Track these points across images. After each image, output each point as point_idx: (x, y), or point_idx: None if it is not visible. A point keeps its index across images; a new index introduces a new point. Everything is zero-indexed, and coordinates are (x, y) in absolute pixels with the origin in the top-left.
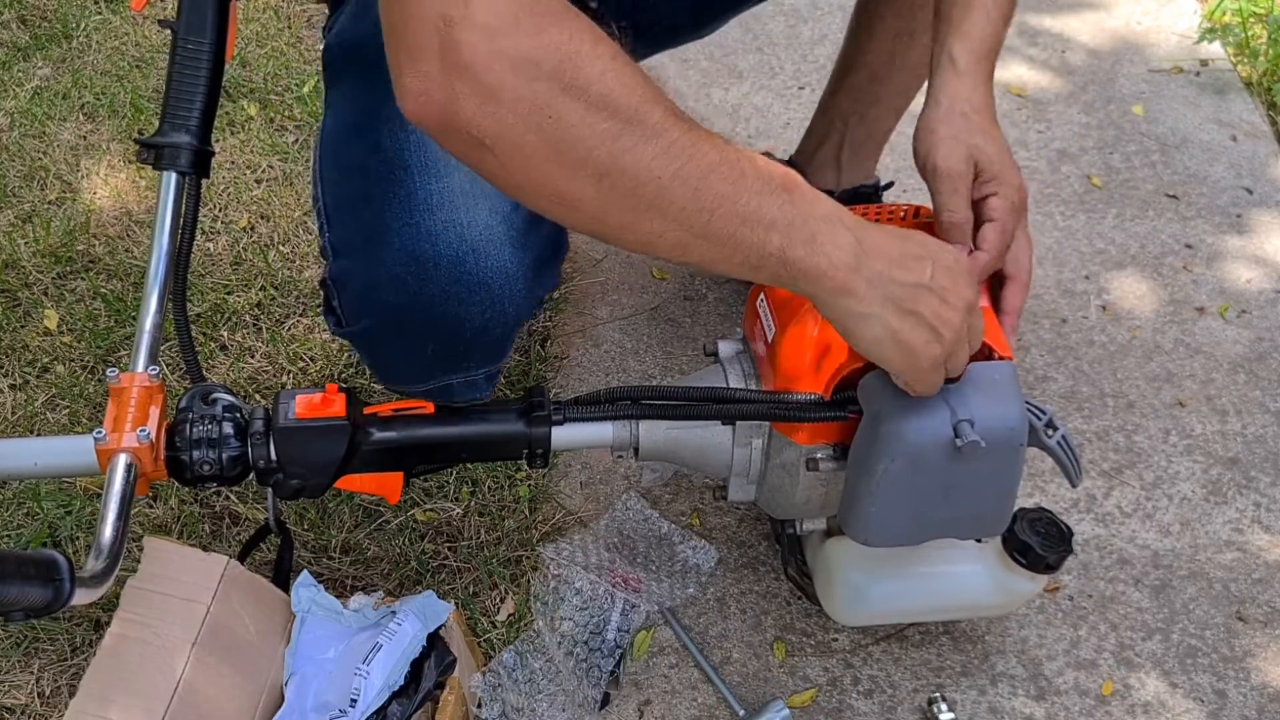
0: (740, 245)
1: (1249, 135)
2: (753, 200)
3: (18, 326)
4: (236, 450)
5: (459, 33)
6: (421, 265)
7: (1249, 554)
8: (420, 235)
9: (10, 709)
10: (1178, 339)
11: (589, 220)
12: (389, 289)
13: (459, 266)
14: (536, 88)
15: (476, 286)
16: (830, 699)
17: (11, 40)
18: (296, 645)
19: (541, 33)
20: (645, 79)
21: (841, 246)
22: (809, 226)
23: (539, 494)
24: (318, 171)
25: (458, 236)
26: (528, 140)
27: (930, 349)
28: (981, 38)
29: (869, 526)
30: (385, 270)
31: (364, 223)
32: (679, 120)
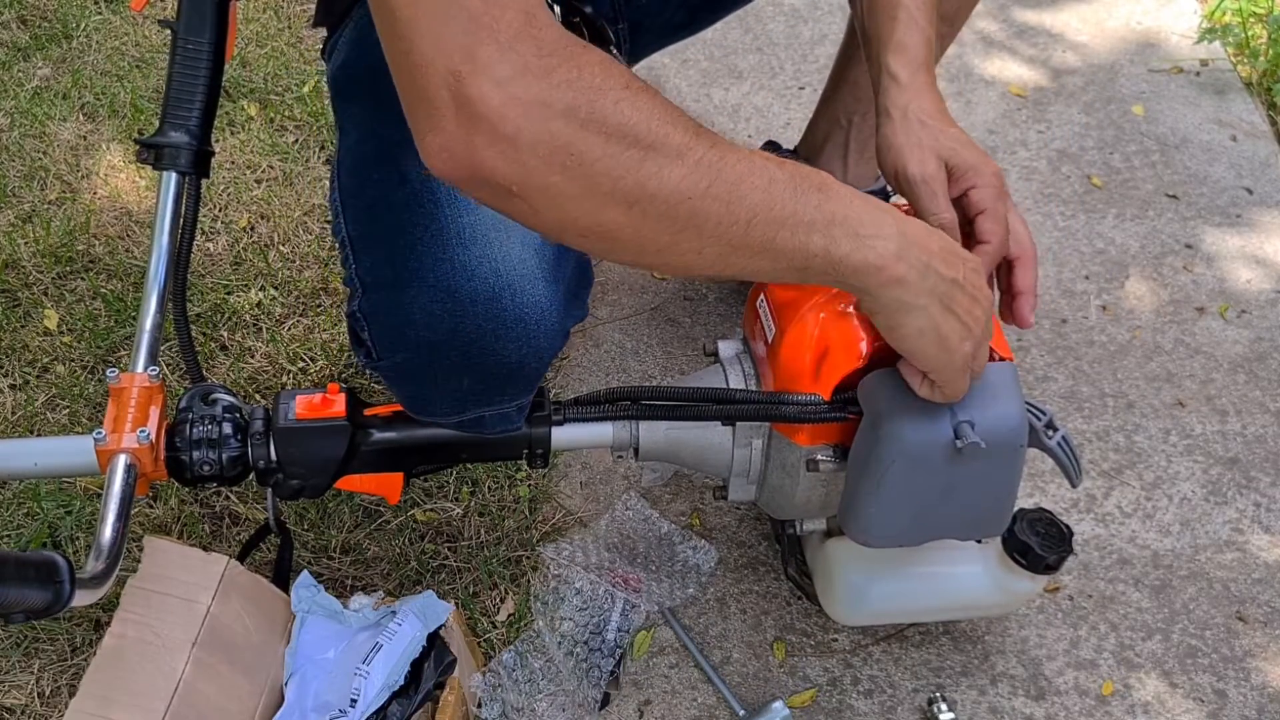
0: (783, 251)
1: (1249, 135)
2: (788, 204)
3: (18, 326)
4: (236, 450)
5: (469, 87)
6: (457, 301)
7: (1249, 554)
8: (455, 271)
9: (10, 709)
10: (1178, 339)
11: (628, 250)
12: (424, 325)
13: (495, 303)
14: (554, 128)
15: (513, 323)
16: (830, 699)
17: (11, 40)
18: (296, 645)
19: (551, 73)
20: (661, 101)
21: (886, 237)
22: (850, 223)
23: (539, 494)
24: (338, 201)
25: (492, 272)
26: (553, 182)
27: (964, 346)
28: (914, 46)
29: (869, 527)
30: (419, 306)
31: (395, 257)
32: (701, 136)
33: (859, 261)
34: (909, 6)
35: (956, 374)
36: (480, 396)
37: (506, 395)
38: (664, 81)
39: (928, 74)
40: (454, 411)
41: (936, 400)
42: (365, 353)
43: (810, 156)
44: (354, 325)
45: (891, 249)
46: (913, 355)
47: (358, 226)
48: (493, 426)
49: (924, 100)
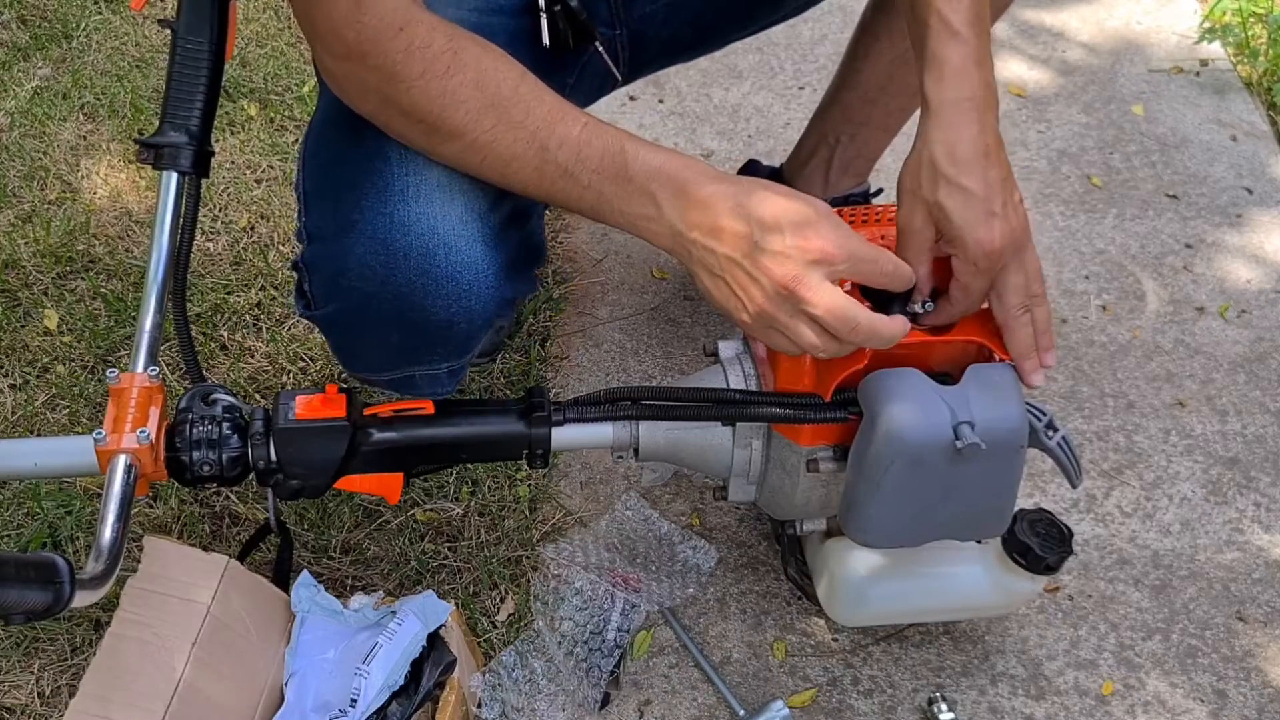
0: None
1: (1249, 135)
2: (558, 185)
3: (18, 326)
4: (236, 451)
5: (320, 55)
6: (391, 254)
7: (1249, 554)
8: (393, 225)
9: (10, 709)
10: (1178, 339)
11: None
12: (357, 275)
13: (428, 259)
14: (369, 101)
15: (444, 280)
16: (830, 699)
17: (11, 40)
18: (296, 645)
19: (364, 57)
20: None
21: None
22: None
23: (539, 494)
24: (301, 158)
25: (430, 229)
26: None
27: (740, 315)
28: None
29: (869, 527)
30: (355, 257)
31: (340, 209)
32: (484, 117)
33: (631, 230)
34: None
35: (756, 333)
36: (410, 354)
37: (437, 355)
38: (664, 81)
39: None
40: (385, 367)
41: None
42: (305, 303)
43: (796, 169)
44: (299, 276)
45: (660, 232)
46: (726, 316)
47: (313, 182)
48: (423, 388)
49: (951, 134)
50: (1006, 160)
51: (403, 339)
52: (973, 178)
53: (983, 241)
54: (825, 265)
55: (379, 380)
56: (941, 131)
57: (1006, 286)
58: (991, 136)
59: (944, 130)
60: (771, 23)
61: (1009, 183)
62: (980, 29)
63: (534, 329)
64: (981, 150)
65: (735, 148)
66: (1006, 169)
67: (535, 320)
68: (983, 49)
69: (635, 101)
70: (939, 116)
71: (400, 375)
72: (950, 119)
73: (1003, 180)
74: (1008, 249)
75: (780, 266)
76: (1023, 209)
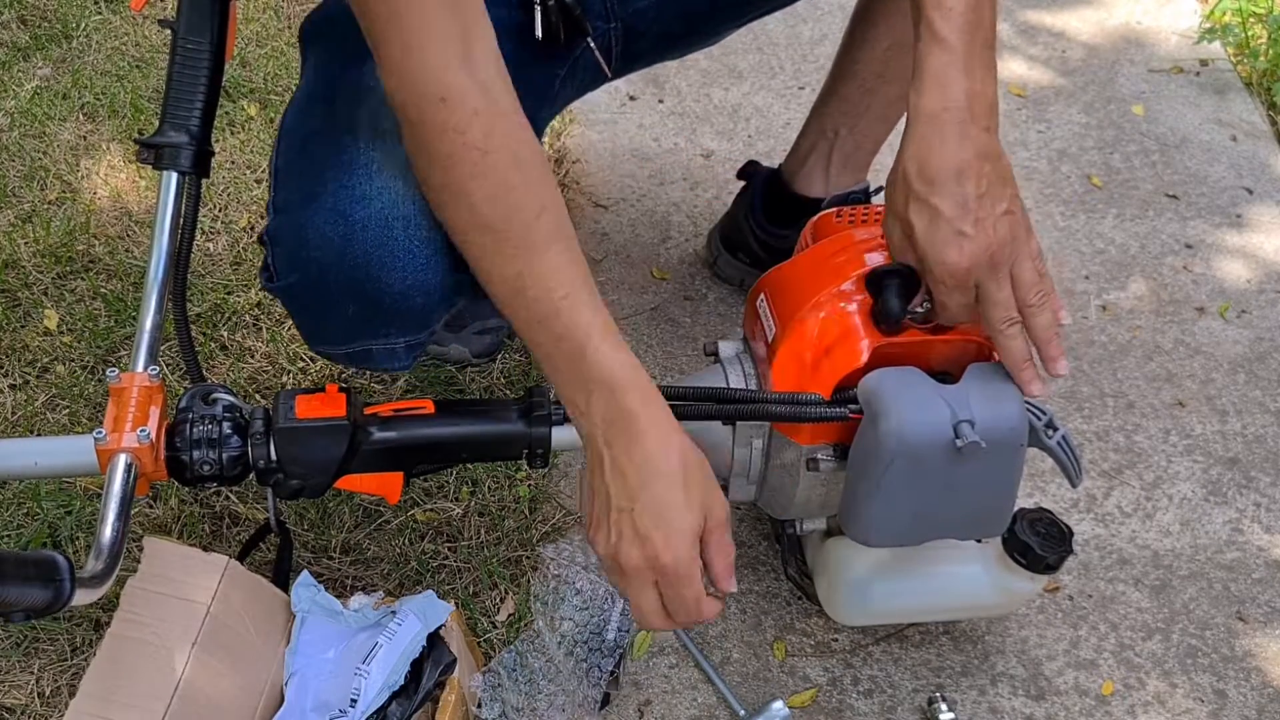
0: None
1: (1249, 135)
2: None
3: (18, 326)
4: (237, 450)
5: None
6: (350, 226)
7: (1249, 554)
8: (354, 198)
9: (10, 709)
10: (1178, 339)
11: None
12: (316, 246)
13: (386, 230)
14: (433, 184)
15: (401, 253)
16: (830, 699)
17: (11, 40)
18: (296, 645)
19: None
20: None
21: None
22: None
23: (539, 494)
24: (278, 135)
25: (390, 202)
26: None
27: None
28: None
29: (869, 527)
30: (314, 228)
31: (304, 183)
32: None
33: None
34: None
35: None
36: (367, 327)
37: (393, 329)
38: (664, 81)
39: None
40: (343, 340)
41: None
42: (267, 275)
43: (795, 167)
44: (264, 250)
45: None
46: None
47: (286, 158)
48: (381, 361)
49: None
50: (995, 172)
51: (359, 311)
52: (942, 196)
53: (947, 263)
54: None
55: (338, 354)
56: (915, 145)
57: (988, 302)
58: (971, 150)
59: (917, 144)
60: (762, 13)
61: (989, 198)
62: (971, 36)
63: None
64: (954, 166)
65: (735, 148)
66: (989, 184)
67: None
68: (972, 58)
69: (635, 101)
70: (914, 129)
71: (358, 349)
72: (924, 132)
73: (979, 197)
74: (978, 268)
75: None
76: (1010, 223)
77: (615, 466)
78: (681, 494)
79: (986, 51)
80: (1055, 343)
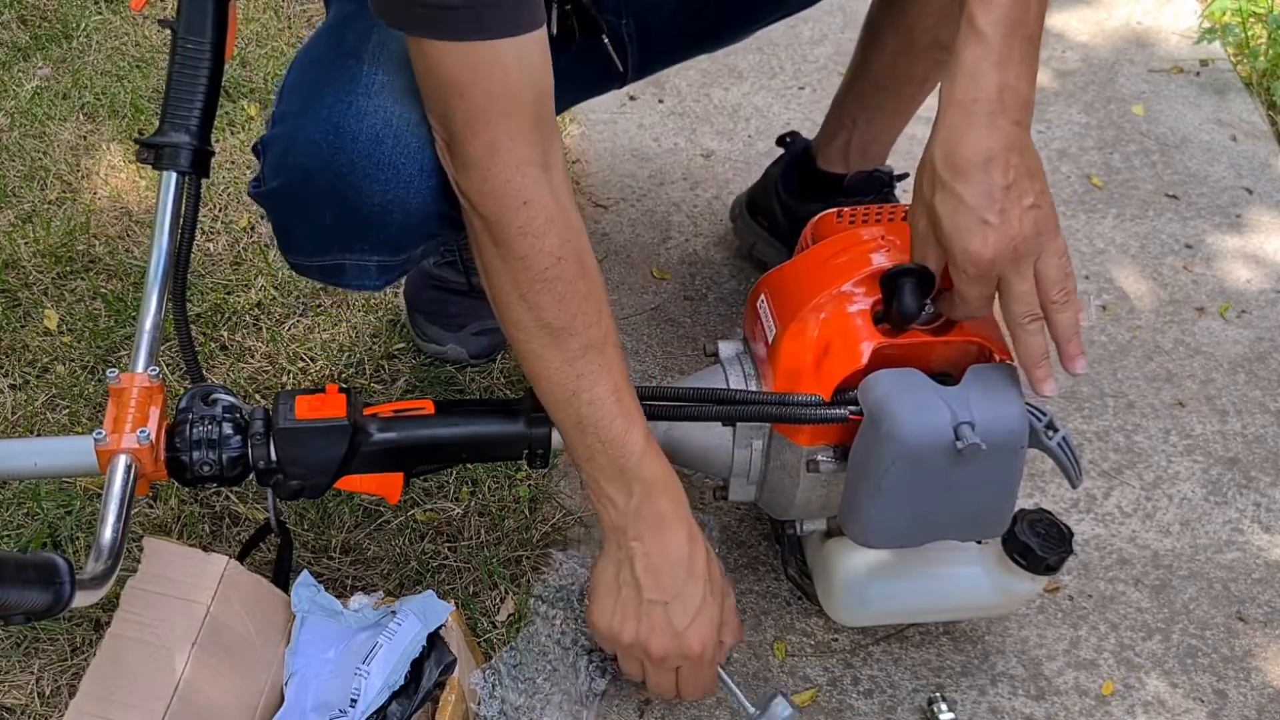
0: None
1: (1249, 135)
2: (565, 424)
3: (18, 326)
4: (236, 451)
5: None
6: (340, 135)
7: (1249, 554)
8: (349, 111)
9: (10, 709)
10: (1178, 339)
11: None
12: (304, 152)
13: (375, 144)
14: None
15: (385, 166)
16: (830, 699)
17: (11, 40)
18: (296, 645)
19: (480, 209)
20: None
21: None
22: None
23: (539, 494)
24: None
25: (383, 120)
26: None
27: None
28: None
29: (869, 528)
30: (306, 135)
31: (304, 97)
32: (539, 333)
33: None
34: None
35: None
36: (342, 238)
37: (367, 243)
38: (664, 81)
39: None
40: (317, 251)
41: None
42: (257, 183)
43: (822, 144)
44: (258, 160)
45: (613, 520)
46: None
47: (293, 76)
48: (352, 278)
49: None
50: (1023, 165)
51: (336, 220)
52: (968, 184)
53: (971, 251)
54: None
55: (311, 265)
56: (945, 133)
57: (1010, 295)
58: (1000, 141)
59: (947, 132)
60: (777, 16)
61: (1016, 190)
62: (1010, 30)
63: None
64: (983, 156)
65: (735, 148)
66: (1017, 175)
67: None
68: (1009, 51)
69: (635, 101)
70: (944, 118)
71: (330, 261)
72: (954, 121)
73: (1005, 188)
74: (1002, 259)
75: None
76: (1037, 216)
77: (648, 562)
78: (707, 589)
79: (1027, 46)
80: (1076, 341)
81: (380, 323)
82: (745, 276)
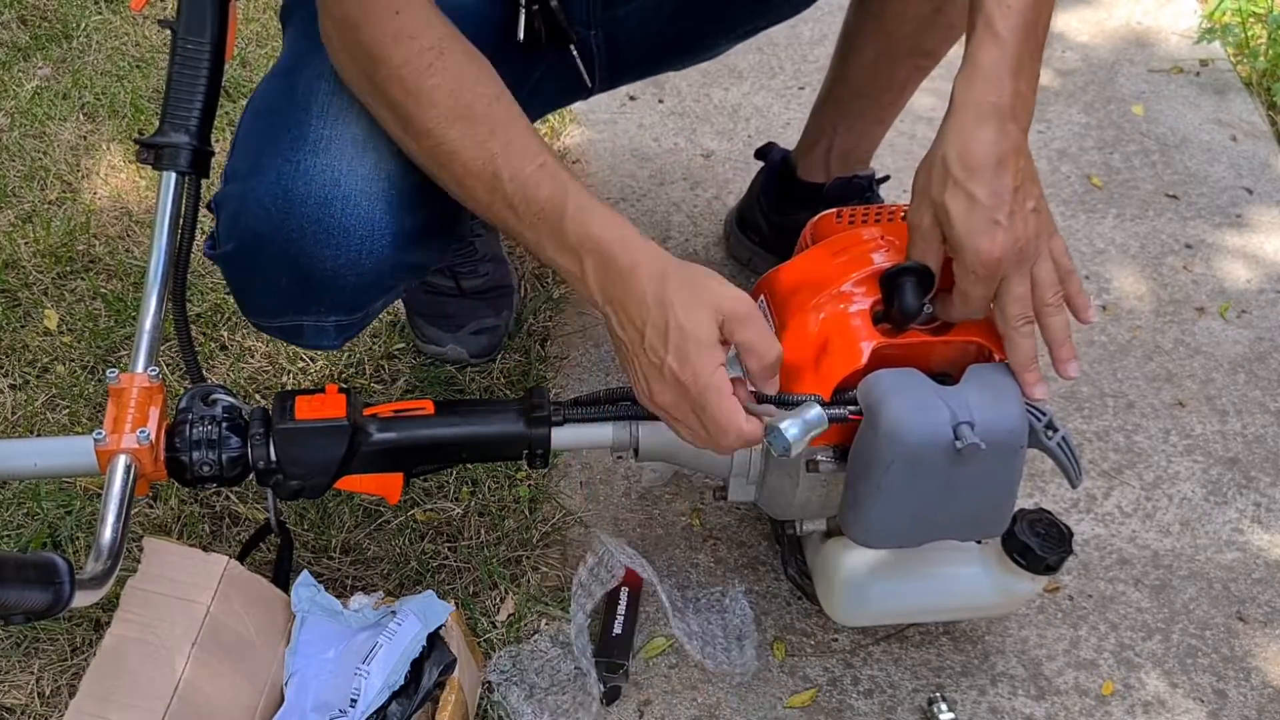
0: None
1: (1249, 135)
2: (503, 214)
3: (18, 326)
4: (236, 451)
5: (323, 18)
6: (289, 200)
7: (1249, 554)
8: (297, 172)
9: (10, 709)
10: (1178, 339)
11: None
12: (256, 217)
13: (324, 208)
14: (358, 78)
15: (337, 231)
16: (830, 699)
17: (11, 40)
18: (296, 645)
19: (358, 29)
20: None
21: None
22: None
23: (539, 494)
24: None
25: (332, 181)
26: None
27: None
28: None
29: (869, 528)
30: (255, 198)
31: (254, 154)
32: (449, 127)
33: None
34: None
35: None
36: (299, 301)
37: (323, 306)
38: (664, 81)
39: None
40: (275, 313)
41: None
42: (210, 242)
43: (802, 154)
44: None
45: (583, 292)
46: None
47: (245, 128)
48: (310, 339)
49: (966, 136)
50: (1027, 169)
51: (291, 284)
52: (980, 184)
53: (981, 250)
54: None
55: (270, 326)
56: (957, 134)
57: (1008, 296)
58: (1010, 144)
59: (960, 133)
60: (755, 29)
61: (1022, 192)
62: (1026, 36)
63: (534, 329)
64: (995, 157)
65: (735, 148)
66: (1023, 179)
67: (535, 320)
68: (1023, 57)
69: (635, 101)
70: (958, 117)
71: (289, 323)
72: (968, 121)
73: (1014, 190)
74: (1008, 259)
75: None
76: (1038, 220)
77: (622, 317)
78: (681, 311)
79: (1036, 55)
80: (1068, 345)
81: (380, 323)
82: (745, 277)
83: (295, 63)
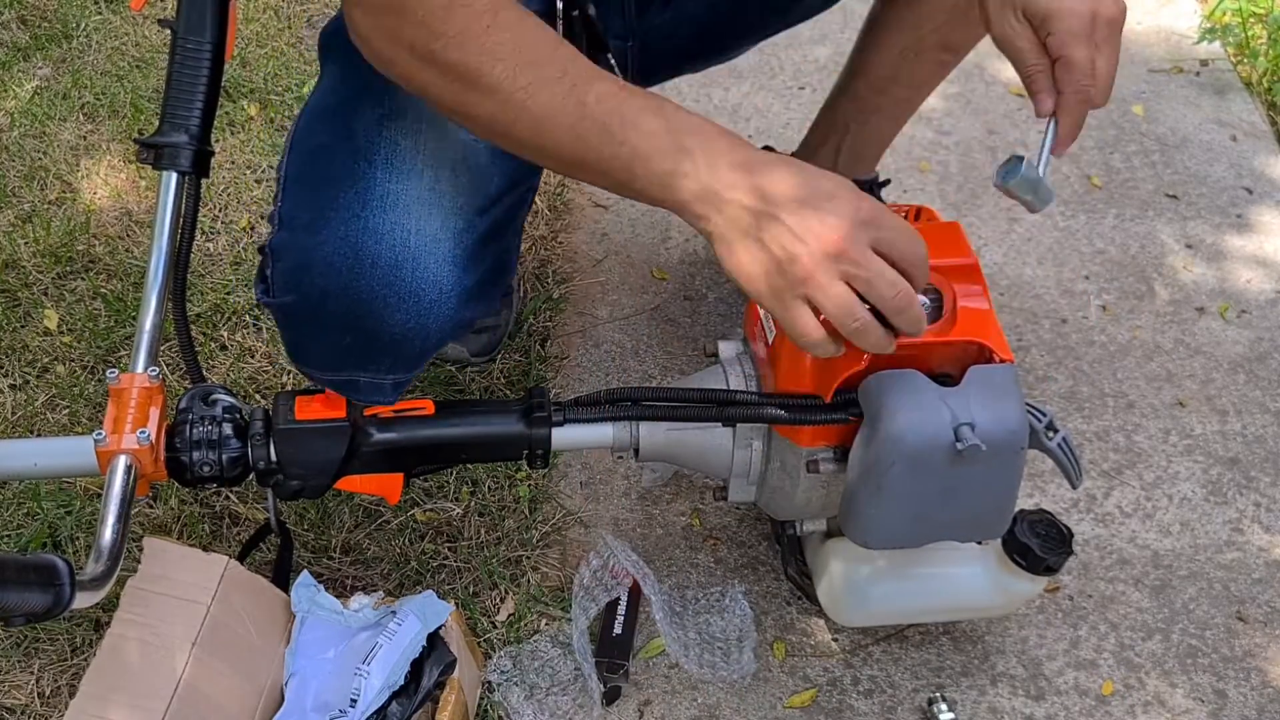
0: (594, 176)
1: (1249, 135)
2: (592, 146)
3: (18, 326)
4: (236, 451)
5: (352, 10)
6: (359, 259)
7: (1249, 554)
8: (366, 230)
9: (10, 709)
10: (1178, 339)
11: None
12: (321, 273)
13: (395, 270)
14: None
15: (407, 295)
16: (830, 699)
17: (11, 40)
18: (296, 645)
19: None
20: (497, 41)
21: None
22: (652, 165)
23: (539, 494)
24: (289, 142)
25: (401, 241)
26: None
27: (772, 280)
28: None
29: (869, 529)
30: (322, 254)
31: (317, 202)
32: (518, 75)
33: (662, 199)
34: None
35: (781, 309)
36: (360, 358)
37: (384, 364)
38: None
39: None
40: (331, 367)
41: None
42: (264, 288)
43: (806, 156)
44: (262, 260)
45: (692, 188)
46: (740, 286)
47: (296, 168)
48: (366, 394)
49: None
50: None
51: (355, 343)
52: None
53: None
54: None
55: (323, 378)
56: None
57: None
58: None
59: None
60: (775, 31)
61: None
62: None
63: (534, 329)
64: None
65: None
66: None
67: (535, 320)
68: None
69: None
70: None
71: (345, 378)
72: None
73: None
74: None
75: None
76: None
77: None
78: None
79: None
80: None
81: None
82: None
83: (343, 106)
